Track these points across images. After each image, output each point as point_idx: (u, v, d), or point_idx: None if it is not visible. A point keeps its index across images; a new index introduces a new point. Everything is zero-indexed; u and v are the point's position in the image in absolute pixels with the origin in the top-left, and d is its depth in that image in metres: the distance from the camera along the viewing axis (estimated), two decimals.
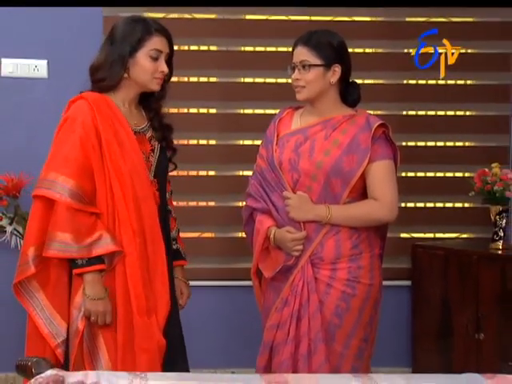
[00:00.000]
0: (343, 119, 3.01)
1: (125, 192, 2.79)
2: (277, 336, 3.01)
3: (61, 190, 2.72)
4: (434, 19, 4.34)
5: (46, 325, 2.81)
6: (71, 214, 2.72)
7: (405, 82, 4.41)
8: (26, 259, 2.79)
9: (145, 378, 2.37)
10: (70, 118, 2.82)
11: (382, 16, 4.34)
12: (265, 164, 3.06)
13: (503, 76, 4.37)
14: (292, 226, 2.98)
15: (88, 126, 2.78)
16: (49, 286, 2.82)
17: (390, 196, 2.98)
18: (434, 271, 4.17)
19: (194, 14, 4.28)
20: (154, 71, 2.85)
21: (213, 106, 4.30)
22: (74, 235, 2.72)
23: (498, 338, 3.84)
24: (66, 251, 2.72)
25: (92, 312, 2.75)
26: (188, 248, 4.14)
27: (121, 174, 2.79)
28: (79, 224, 2.73)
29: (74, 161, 2.75)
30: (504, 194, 4.00)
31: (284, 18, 4.27)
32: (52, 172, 2.77)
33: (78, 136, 2.77)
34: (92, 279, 2.76)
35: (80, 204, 2.73)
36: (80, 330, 2.77)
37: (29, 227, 2.82)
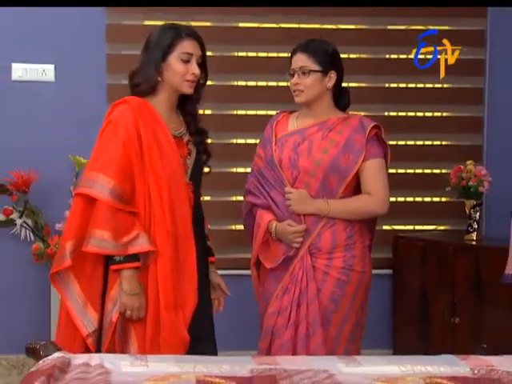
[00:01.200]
0: (338, 121, 3.05)
1: (161, 194, 2.75)
2: (277, 321, 3.02)
3: (102, 189, 2.69)
4: (414, 27, 4.34)
5: (79, 314, 2.76)
6: (111, 212, 2.69)
7: (386, 86, 4.42)
8: (64, 252, 2.75)
9: (145, 360, 2.38)
10: (113, 122, 2.77)
11: (366, 24, 4.34)
12: (263, 163, 3.08)
13: (477, 80, 4.38)
14: (292, 220, 3.00)
15: (130, 130, 2.74)
16: (84, 278, 2.78)
17: (382, 191, 3.05)
18: (414, 261, 4.18)
19: (191, 22, 4.26)
20: (185, 73, 2.80)
21: (208, 108, 4.29)
22: (112, 233, 2.68)
23: (472, 322, 3.85)
24: (103, 248, 2.69)
25: (128, 306, 2.72)
26: None
27: (159, 177, 2.75)
28: (118, 223, 2.69)
29: (117, 162, 2.71)
30: (478, 189, 4.02)
31: (274, 25, 4.26)
32: (95, 172, 2.73)
33: (121, 139, 2.73)
34: (129, 275, 2.72)
35: (120, 203, 2.69)
36: (114, 323, 2.74)
37: (68, 223, 2.81)
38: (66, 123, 4.20)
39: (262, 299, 3.13)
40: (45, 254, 4.01)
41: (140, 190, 2.74)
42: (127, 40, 4.22)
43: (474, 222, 4.07)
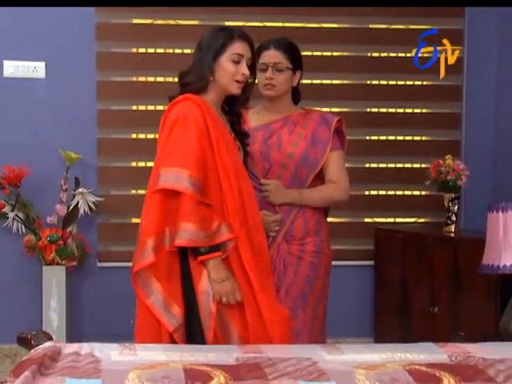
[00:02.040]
0: (300, 116, 3.15)
1: (232, 185, 2.75)
2: None
3: (185, 182, 2.65)
4: (394, 26, 4.34)
5: (162, 312, 2.72)
6: (195, 205, 2.66)
7: (368, 83, 4.42)
8: (146, 248, 2.70)
9: (133, 349, 2.37)
10: (181, 118, 2.73)
11: (348, 23, 4.34)
12: None
13: (456, 78, 4.39)
14: (266, 210, 3.05)
15: (200, 124, 2.72)
16: (163, 277, 2.73)
17: (345, 180, 3.17)
18: (394, 252, 4.19)
19: (179, 21, 4.26)
20: (235, 74, 2.78)
21: None
22: (199, 225, 2.65)
23: (450, 311, 3.86)
24: (193, 240, 2.66)
25: (222, 293, 2.70)
26: None
27: (228, 168, 2.75)
28: (202, 214, 2.67)
29: (194, 155, 2.68)
30: (456, 183, 4.03)
31: (260, 24, 4.26)
32: (173, 167, 2.68)
33: (194, 133, 2.70)
34: (215, 264, 2.70)
35: (201, 196, 2.67)
36: (214, 313, 2.71)
37: (148, 219, 2.73)
38: (57, 119, 4.18)
39: None
40: (36, 246, 4.00)
41: (212, 181, 2.73)
42: (116, 38, 4.21)
43: (452, 214, 4.09)
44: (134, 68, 4.24)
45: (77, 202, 4.03)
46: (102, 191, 4.20)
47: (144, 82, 4.27)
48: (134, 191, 4.29)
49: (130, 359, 2.27)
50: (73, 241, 4.05)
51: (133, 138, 4.28)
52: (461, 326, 3.74)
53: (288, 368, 2.24)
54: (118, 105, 4.24)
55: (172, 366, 2.21)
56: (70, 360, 2.23)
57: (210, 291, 2.72)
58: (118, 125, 4.24)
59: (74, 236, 4.07)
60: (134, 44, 4.25)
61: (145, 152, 4.27)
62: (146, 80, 4.28)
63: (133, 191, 4.29)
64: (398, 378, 2.17)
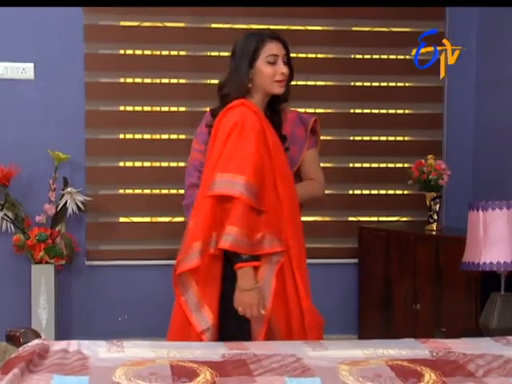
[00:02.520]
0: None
1: (286, 190, 2.74)
2: None
3: (240, 188, 2.60)
4: (377, 29, 4.36)
5: (193, 313, 2.70)
6: (247, 211, 2.61)
7: (352, 84, 4.43)
8: (192, 251, 2.66)
9: (121, 346, 2.37)
10: (238, 124, 2.67)
11: (332, 26, 4.35)
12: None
13: (437, 79, 4.39)
14: None
15: (258, 130, 2.68)
16: (201, 280, 2.69)
17: (322, 177, 3.20)
18: (378, 250, 4.20)
19: (165, 23, 4.25)
20: (274, 74, 2.74)
21: (182, 105, 4.29)
22: (244, 231, 2.60)
23: (432, 308, 3.87)
24: (238, 245, 2.60)
25: (239, 302, 2.65)
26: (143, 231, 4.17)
27: (282, 174, 2.74)
28: (251, 222, 2.62)
29: (252, 162, 2.63)
30: (438, 182, 4.04)
31: (245, 26, 4.25)
32: (231, 173, 2.63)
33: (252, 139, 2.65)
34: (245, 273, 2.64)
35: (255, 202, 2.63)
36: (266, 319, 2.68)
37: (196, 223, 2.68)
38: (46, 120, 4.16)
39: None
40: (25, 245, 3.99)
41: (269, 187, 2.69)
42: (104, 40, 4.20)
43: (434, 213, 4.10)
44: (121, 69, 4.23)
45: (65, 201, 4.02)
46: (90, 191, 4.19)
47: (131, 84, 4.26)
48: (122, 191, 4.28)
49: (118, 356, 2.27)
50: (61, 240, 4.04)
51: (120, 139, 4.27)
52: (442, 322, 3.76)
53: (273, 364, 2.25)
54: (105, 106, 4.23)
55: (159, 362, 2.21)
56: (58, 357, 2.22)
57: (266, 291, 2.68)
58: (106, 125, 4.23)
59: (62, 235, 4.05)
60: (121, 46, 4.24)
61: (132, 152, 4.27)
62: (133, 81, 4.27)
63: (120, 191, 4.28)
64: (380, 374, 2.18)
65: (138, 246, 4.27)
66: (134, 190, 4.28)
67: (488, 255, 3.20)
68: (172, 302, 4.17)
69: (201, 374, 2.13)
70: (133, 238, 4.26)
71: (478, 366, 2.26)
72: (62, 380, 2.05)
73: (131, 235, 4.27)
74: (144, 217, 4.30)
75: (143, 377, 2.08)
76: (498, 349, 2.45)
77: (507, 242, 3.17)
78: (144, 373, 2.11)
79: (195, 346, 2.46)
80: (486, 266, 3.21)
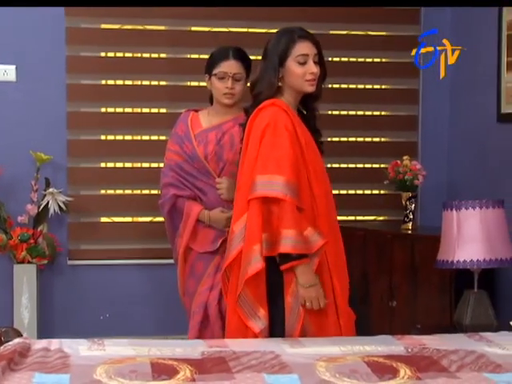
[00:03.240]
0: (245, 117, 3.08)
1: (321, 189, 2.74)
2: (210, 296, 3.12)
3: (283, 189, 2.61)
4: (354, 32, 4.37)
5: (249, 316, 2.70)
6: (294, 210, 2.63)
7: (330, 86, 4.43)
8: (254, 255, 2.64)
9: (102, 344, 2.36)
10: (271, 124, 2.68)
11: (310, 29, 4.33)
12: (180, 158, 3.19)
13: (412, 82, 4.43)
14: (221, 207, 3.15)
15: (290, 130, 2.69)
16: (252, 281, 2.67)
17: None
18: (355, 248, 4.20)
19: (146, 26, 4.24)
20: (305, 74, 2.74)
21: (163, 107, 4.28)
22: (297, 231, 2.62)
23: (408, 305, 3.89)
24: (297, 247, 2.62)
25: (307, 298, 2.68)
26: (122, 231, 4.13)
27: (316, 172, 2.74)
28: (299, 220, 2.64)
29: (288, 161, 2.65)
30: (413, 183, 4.07)
31: (225, 29, 4.25)
32: (270, 174, 2.64)
33: (286, 139, 2.66)
34: (303, 270, 2.66)
35: (298, 201, 2.64)
36: (301, 316, 2.69)
37: (251, 227, 2.66)
38: (28, 121, 4.13)
39: (190, 280, 3.19)
40: (7, 245, 3.97)
41: (304, 185, 2.70)
42: (85, 42, 4.18)
43: (409, 212, 4.12)
44: (102, 71, 4.21)
45: (47, 201, 4.00)
46: (72, 191, 4.17)
47: (113, 86, 4.25)
48: (103, 191, 4.26)
49: (99, 354, 2.26)
50: (43, 240, 4.02)
51: (102, 140, 4.25)
52: (418, 318, 3.77)
53: (252, 361, 2.25)
54: (87, 107, 4.21)
55: (139, 360, 2.21)
56: (40, 355, 2.21)
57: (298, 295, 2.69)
58: (88, 127, 4.21)
59: (44, 235, 4.03)
60: (102, 48, 4.22)
61: (113, 153, 4.25)
62: (114, 83, 4.25)
63: (102, 191, 4.26)
64: (356, 370, 2.19)
65: (120, 245, 4.25)
66: (116, 190, 4.27)
67: (461, 253, 3.22)
68: (153, 299, 4.20)
69: (180, 371, 2.13)
70: (114, 238, 4.25)
71: (451, 361, 2.28)
72: (43, 378, 2.04)
73: (112, 235, 4.25)
74: (125, 217, 4.29)
75: (123, 374, 2.08)
76: (470, 345, 2.47)
77: (480, 241, 3.20)
78: (124, 370, 2.11)
79: (175, 343, 2.46)
80: (460, 264, 3.24)
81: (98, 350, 2.30)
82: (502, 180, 3.80)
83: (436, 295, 3.75)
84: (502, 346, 2.46)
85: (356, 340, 2.56)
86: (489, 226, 3.21)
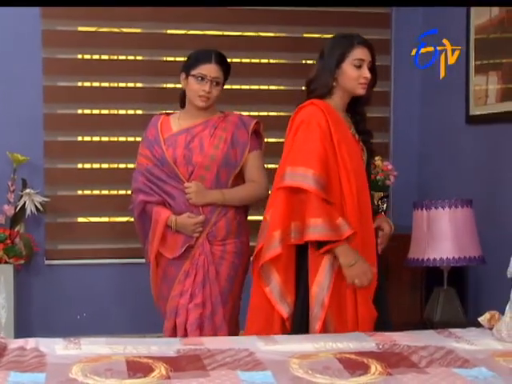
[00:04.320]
0: (219, 119, 3.17)
1: (351, 186, 2.80)
2: (180, 302, 3.10)
3: (310, 181, 2.72)
4: (327, 35, 4.37)
5: (278, 301, 2.79)
6: (320, 201, 2.72)
7: (303, 88, 4.43)
8: (273, 241, 2.77)
9: (78, 343, 2.35)
10: (305, 121, 2.80)
11: (284, 32, 4.37)
12: (150, 162, 3.14)
13: (384, 84, 4.44)
14: (190, 212, 3.09)
15: (323, 127, 2.78)
16: (282, 267, 2.80)
17: (264, 178, 3.19)
18: None
19: (122, 29, 4.22)
20: (358, 77, 2.84)
21: (139, 108, 4.26)
22: (325, 219, 2.70)
23: None
24: (324, 234, 2.70)
25: (354, 276, 2.75)
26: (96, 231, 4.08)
27: (348, 170, 2.80)
28: (328, 210, 2.72)
29: (317, 156, 2.75)
30: (385, 183, 4.08)
31: (200, 32, 4.25)
32: (299, 166, 2.75)
33: (317, 135, 2.77)
34: (343, 250, 2.75)
35: (324, 193, 2.73)
36: (326, 306, 2.74)
37: (274, 213, 2.79)
38: (5, 122, 4.10)
39: (164, 285, 3.16)
40: None
41: (333, 180, 2.78)
42: (62, 45, 4.15)
43: (381, 212, 4.14)
44: (79, 73, 4.19)
45: (24, 202, 3.97)
46: (49, 192, 4.14)
47: (89, 87, 4.22)
48: (80, 192, 4.24)
49: (75, 353, 2.25)
50: (20, 240, 3.98)
51: (79, 141, 4.22)
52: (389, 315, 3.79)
53: (226, 359, 2.25)
54: (63, 109, 4.18)
55: (115, 358, 2.20)
56: (16, 355, 2.20)
57: (325, 284, 2.76)
58: (64, 128, 4.18)
59: (21, 235, 4.00)
60: (79, 50, 4.19)
61: (90, 154, 4.23)
62: (91, 85, 4.22)
63: (79, 192, 4.24)
64: (329, 366, 2.20)
65: (97, 245, 4.23)
66: (92, 190, 4.24)
67: (431, 252, 3.25)
68: (129, 298, 4.18)
69: (156, 369, 2.13)
70: (91, 238, 4.22)
71: (421, 357, 2.30)
72: (18, 377, 2.02)
73: (89, 235, 4.23)
74: (102, 217, 4.26)
75: (99, 373, 2.07)
76: (440, 341, 2.50)
77: (449, 239, 3.23)
78: (100, 369, 2.10)
79: (151, 341, 2.46)
80: (430, 262, 3.27)
81: (74, 349, 2.29)
82: (470, 180, 3.84)
83: (407, 292, 3.77)
84: (470, 342, 2.48)
85: (328, 337, 2.57)
86: (458, 225, 3.24)
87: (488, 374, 2.14)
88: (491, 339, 2.52)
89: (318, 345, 2.44)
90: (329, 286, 2.76)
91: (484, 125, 3.72)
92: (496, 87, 3.60)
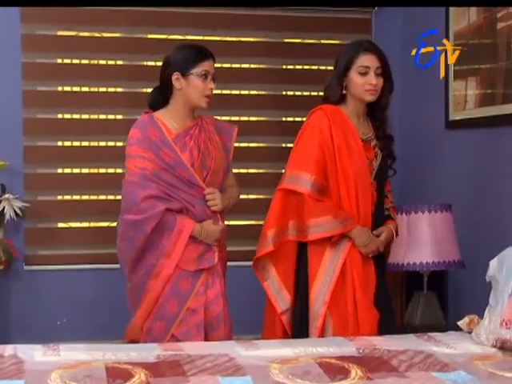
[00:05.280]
0: (205, 123, 3.04)
1: (349, 191, 2.90)
2: (210, 313, 2.89)
3: (305, 184, 2.87)
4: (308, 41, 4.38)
5: (275, 295, 2.93)
6: (314, 202, 2.86)
7: (284, 93, 4.46)
8: (266, 238, 2.92)
9: (57, 350, 2.33)
10: (309, 126, 2.96)
11: (264, 37, 4.37)
12: (157, 166, 2.86)
13: None
14: (209, 219, 2.93)
15: (325, 132, 2.90)
16: (280, 264, 2.95)
17: (236, 182, 3.18)
18: None
19: (103, 33, 4.21)
20: (364, 84, 2.92)
21: (119, 113, 4.25)
22: (324, 217, 2.85)
23: None
24: (323, 232, 2.86)
25: (369, 253, 2.92)
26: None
27: (347, 175, 2.90)
28: (324, 208, 2.86)
29: (315, 160, 2.88)
30: None
31: (181, 37, 4.24)
32: (297, 170, 2.91)
33: (317, 140, 2.90)
34: (356, 233, 2.89)
35: (319, 195, 2.87)
36: (327, 302, 2.84)
37: (270, 213, 2.96)
38: None
39: (169, 302, 2.87)
40: None
41: (332, 185, 2.90)
42: (41, 49, 4.12)
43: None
44: (59, 78, 4.16)
45: (3, 207, 3.94)
46: (29, 197, 4.11)
47: (69, 92, 4.20)
48: (60, 197, 4.21)
49: (54, 359, 2.24)
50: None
51: (58, 146, 4.20)
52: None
53: (206, 364, 2.25)
54: (43, 113, 4.15)
55: (94, 364, 2.19)
56: None
57: (326, 281, 2.85)
58: (44, 133, 4.15)
59: (0, 241, 3.96)
60: (59, 55, 4.17)
61: (70, 159, 4.20)
62: (71, 90, 4.20)
63: (59, 197, 4.21)
64: (309, 371, 2.20)
65: (77, 250, 4.20)
66: (73, 195, 4.22)
67: (411, 256, 3.27)
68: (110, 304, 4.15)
69: (135, 375, 2.12)
70: (71, 243, 4.19)
71: (400, 361, 2.31)
72: None
73: (70, 240, 4.20)
74: (82, 222, 4.24)
75: (78, 379, 2.06)
76: (419, 345, 2.51)
77: (429, 244, 3.24)
78: (79, 375, 2.09)
79: (130, 347, 2.45)
80: (410, 267, 3.28)
81: (53, 356, 2.27)
82: (450, 185, 3.86)
83: None
84: (450, 346, 2.50)
85: (309, 342, 2.58)
86: (437, 230, 3.26)
87: (467, 378, 2.15)
88: (470, 343, 2.54)
89: (297, 350, 2.44)
90: (330, 284, 2.84)
91: (463, 130, 3.75)
92: (475, 92, 3.62)
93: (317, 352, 2.41)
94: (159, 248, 2.86)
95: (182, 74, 2.93)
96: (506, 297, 2.48)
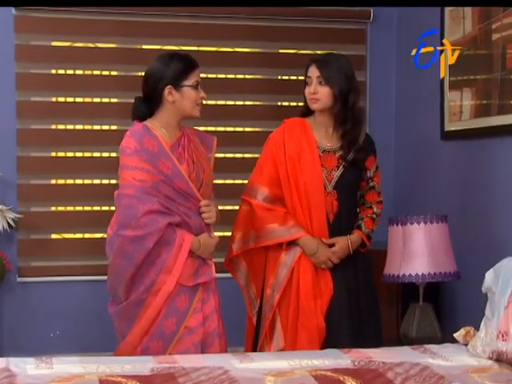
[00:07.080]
0: (189, 133, 3.02)
1: (300, 200, 3.03)
2: (205, 330, 2.84)
3: (256, 194, 3.07)
4: (302, 51, 4.40)
5: (246, 292, 3.15)
6: (264, 211, 3.03)
7: (279, 104, 4.47)
8: (234, 241, 3.13)
9: (50, 362, 2.33)
10: (268, 140, 3.16)
11: (259, 48, 4.39)
12: (156, 178, 2.80)
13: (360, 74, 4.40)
14: (202, 232, 2.90)
15: (278, 145, 3.08)
16: (249, 259, 3.14)
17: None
18: None
19: (97, 44, 4.21)
20: (308, 94, 3.10)
21: (113, 124, 4.25)
22: (278, 223, 3.01)
23: None
24: (272, 238, 3.02)
25: (319, 263, 3.03)
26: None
27: (298, 184, 3.03)
28: (274, 216, 3.02)
29: (267, 173, 3.07)
30: None
31: (175, 47, 4.25)
32: (254, 182, 3.11)
33: (270, 152, 3.10)
34: (303, 243, 3.02)
35: (272, 205, 3.04)
36: (274, 306, 2.98)
37: (237, 219, 3.15)
38: None
39: (167, 320, 2.81)
40: None
41: (286, 195, 3.05)
42: (36, 59, 4.13)
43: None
44: (53, 89, 4.17)
45: None
46: (22, 208, 4.10)
47: (63, 103, 4.21)
48: (54, 208, 4.21)
49: (47, 372, 2.23)
50: None
51: (52, 156, 4.20)
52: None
53: (201, 377, 2.25)
54: (37, 124, 4.15)
55: (88, 377, 2.18)
56: None
57: (276, 287, 2.98)
58: (38, 143, 4.15)
59: None
60: (53, 65, 4.17)
61: (64, 170, 4.20)
62: (65, 100, 4.21)
63: (52, 208, 4.21)
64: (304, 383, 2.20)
65: (70, 261, 4.19)
66: (66, 206, 4.21)
67: (407, 268, 3.27)
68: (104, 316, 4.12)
69: None
70: (65, 254, 4.18)
71: (396, 373, 2.30)
72: None
73: (63, 251, 4.19)
74: (76, 233, 4.23)
75: None
76: (415, 357, 2.51)
77: (425, 255, 3.25)
78: None
79: (124, 360, 2.44)
80: (406, 278, 3.28)
81: (46, 369, 2.26)
82: (445, 196, 3.87)
83: (383, 308, 3.75)
84: (446, 358, 2.50)
85: (304, 354, 2.57)
86: (433, 241, 3.26)
87: None
88: (466, 355, 2.54)
89: (293, 362, 2.44)
90: (278, 289, 2.97)
91: (459, 140, 3.76)
92: (470, 103, 3.64)
93: (312, 364, 2.41)
94: (159, 263, 2.79)
95: (175, 87, 2.90)
96: (502, 309, 2.48)
